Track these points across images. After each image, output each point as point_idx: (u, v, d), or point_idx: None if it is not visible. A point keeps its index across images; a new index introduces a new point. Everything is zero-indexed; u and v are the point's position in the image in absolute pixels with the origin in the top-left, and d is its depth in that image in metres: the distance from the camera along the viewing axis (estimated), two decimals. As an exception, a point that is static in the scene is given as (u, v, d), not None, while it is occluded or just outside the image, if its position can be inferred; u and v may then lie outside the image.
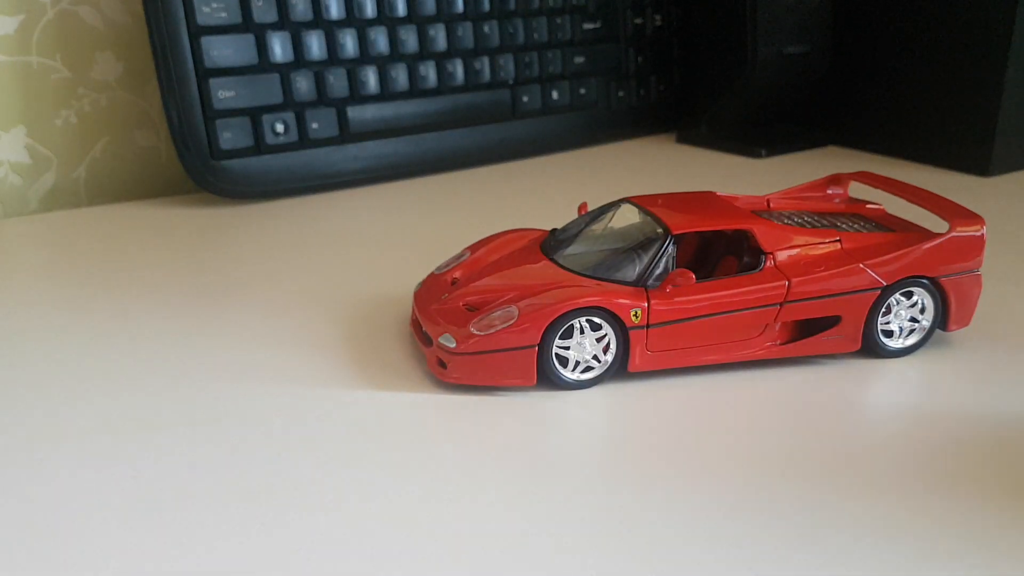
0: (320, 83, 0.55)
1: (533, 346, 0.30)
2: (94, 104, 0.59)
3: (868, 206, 0.38)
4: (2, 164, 0.56)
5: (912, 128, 0.63)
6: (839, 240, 0.33)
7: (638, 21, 0.69)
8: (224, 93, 0.52)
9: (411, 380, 0.32)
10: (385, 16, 0.57)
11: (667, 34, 0.71)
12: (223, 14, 0.51)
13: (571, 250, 0.34)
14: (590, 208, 0.36)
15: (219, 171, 0.53)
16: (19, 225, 0.51)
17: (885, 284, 0.33)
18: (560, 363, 0.31)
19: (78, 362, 0.34)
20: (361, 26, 0.56)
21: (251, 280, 0.42)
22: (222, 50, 0.51)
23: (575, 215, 0.51)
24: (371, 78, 0.57)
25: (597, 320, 0.30)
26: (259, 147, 0.53)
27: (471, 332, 0.30)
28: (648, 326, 0.31)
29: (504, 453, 0.28)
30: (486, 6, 0.61)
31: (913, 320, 0.34)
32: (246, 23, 0.52)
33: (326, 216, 0.52)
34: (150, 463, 0.27)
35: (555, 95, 0.65)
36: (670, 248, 0.31)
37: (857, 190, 0.50)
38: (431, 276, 0.35)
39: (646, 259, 0.31)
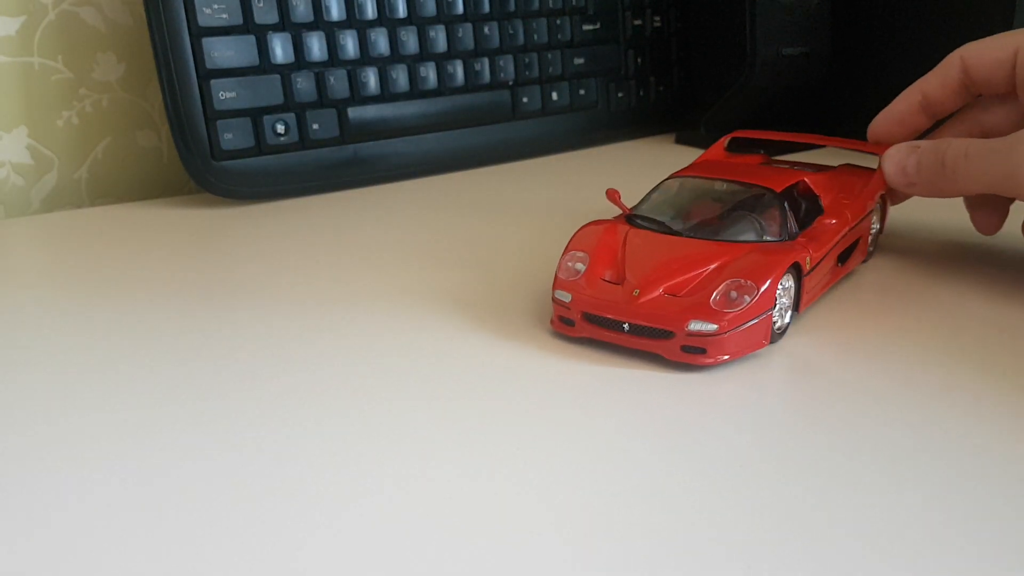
0: (321, 84, 0.55)
1: (769, 310, 0.33)
2: (96, 105, 0.59)
3: (769, 156, 0.46)
4: (4, 165, 0.57)
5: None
6: (834, 178, 0.41)
7: (637, 22, 0.70)
8: (225, 94, 0.52)
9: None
10: (385, 17, 0.57)
11: (666, 35, 0.72)
12: (224, 15, 0.51)
13: (681, 227, 0.36)
14: (621, 194, 0.40)
15: (220, 172, 0.53)
16: (21, 226, 0.51)
17: (876, 204, 0.41)
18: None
19: (80, 363, 0.34)
20: (361, 27, 0.56)
21: (253, 280, 0.42)
22: (223, 51, 0.52)
23: (578, 214, 0.51)
24: (371, 79, 0.57)
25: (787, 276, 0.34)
26: (260, 148, 0.54)
27: (723, 312, 0.32)
28: (810, 271, 0.35)
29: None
30: (486, 7, 0.61)
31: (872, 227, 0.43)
32: (247, 24, 0.52)
33: (327, 216, 0.52)
34: (155, 465, 0.27)
35: (555, 96, 0.65)
36: (786, 204, 0.36)
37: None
38: (570, 283, 0.34)
39: (779, 217, 0.36)
